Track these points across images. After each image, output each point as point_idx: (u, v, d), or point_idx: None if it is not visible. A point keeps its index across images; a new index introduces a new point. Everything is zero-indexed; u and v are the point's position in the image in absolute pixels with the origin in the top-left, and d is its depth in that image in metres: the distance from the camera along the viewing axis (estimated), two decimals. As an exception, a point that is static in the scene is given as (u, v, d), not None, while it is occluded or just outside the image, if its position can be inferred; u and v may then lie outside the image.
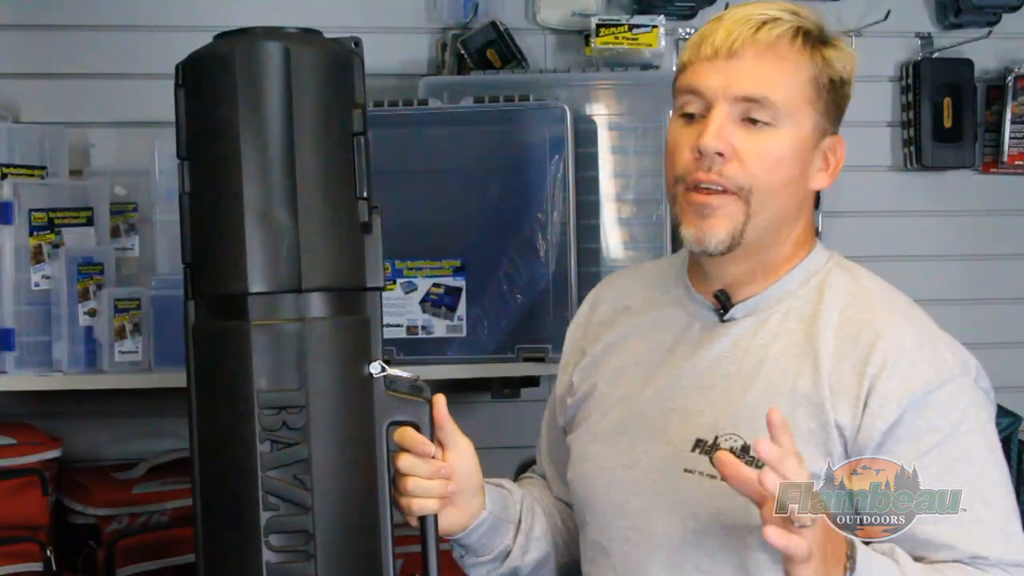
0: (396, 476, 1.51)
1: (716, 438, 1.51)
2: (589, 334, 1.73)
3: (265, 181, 1.49)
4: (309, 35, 1.55)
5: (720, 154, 1.49)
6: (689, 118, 1.53)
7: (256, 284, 1.49)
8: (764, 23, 1.51)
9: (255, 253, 1.49)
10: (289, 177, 1.48)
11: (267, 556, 1.47)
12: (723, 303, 1.57)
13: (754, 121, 1.50)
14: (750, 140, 1.50)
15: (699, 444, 1.52)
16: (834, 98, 1.54)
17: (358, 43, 1.57)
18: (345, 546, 1.49)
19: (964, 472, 1.47)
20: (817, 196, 1.57)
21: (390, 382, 1.51)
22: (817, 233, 1.64)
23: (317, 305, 1.49)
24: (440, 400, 1.51)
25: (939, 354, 1.51)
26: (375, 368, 1.51)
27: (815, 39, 1.53)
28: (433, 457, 1.51)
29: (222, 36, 1.56)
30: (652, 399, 1.59)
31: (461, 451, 1.53)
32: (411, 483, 1.50)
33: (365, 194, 1.52)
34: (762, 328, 1.55)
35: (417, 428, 1.51)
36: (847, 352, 1.50)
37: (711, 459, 1.49)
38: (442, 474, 1.51)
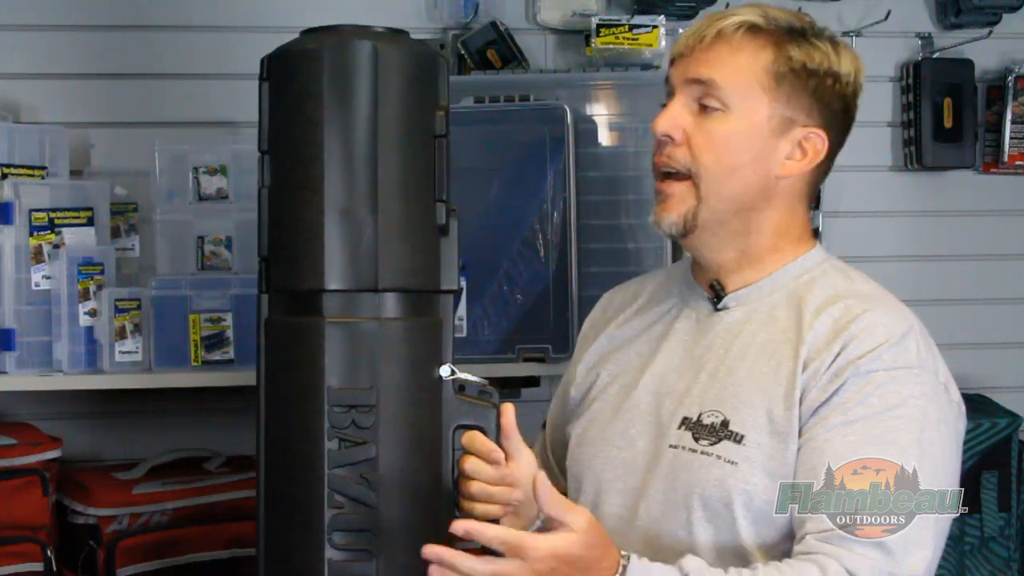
0: (460, 479, 1.52)
1: (700, 414, 1.55)
2: (598, 329, 1.77)
3: (346, 178, 1.49)
4: (396, 35, 1.55)
5: (671, 137, 1.57)
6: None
7: (333, 281, 1.50)
8: (726, 18, 1.59)
9: (333, 250, 1.50)
10: (371, 176, 1.49)
11: (330, 553, 1.48)
12: (716, 292, 1.63)
13: (705, 108, 1.57)
14: (699, 126, 1.57)
15: (684, 421, 1.57)
16: (802, 87, 1.57)
17: (443, 46, 1.57)
18: (407, 547, 1.48)
19: (875, 452, 1.47)
20: (817, 196, 1.60)
21: (459, 386, 1.52)
22: (817, 233, 1.66)
23: (392, 305, 1.50)
24: (508, 409, 1.52)
25: (904, 344, 1.52)
26: (445, 371, 1.52)
27: (779, 33, 1.58)
28: (499, 463, 1.52)
29: (309, 32, 1.55)
30: (648, 383, 1.64)
31: (524, 461, 1.55)
32: (476, 487, 1.52)
33: (444, 197, 1.53)
34: (753, 317, 1.60)
35: (484, 432, 1.51)
36: (828, 341, 1.52)
37: (693, 435, 1.55)
38: (507, 481, 1.53)
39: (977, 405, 2.68)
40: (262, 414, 1.54)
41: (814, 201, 1.65)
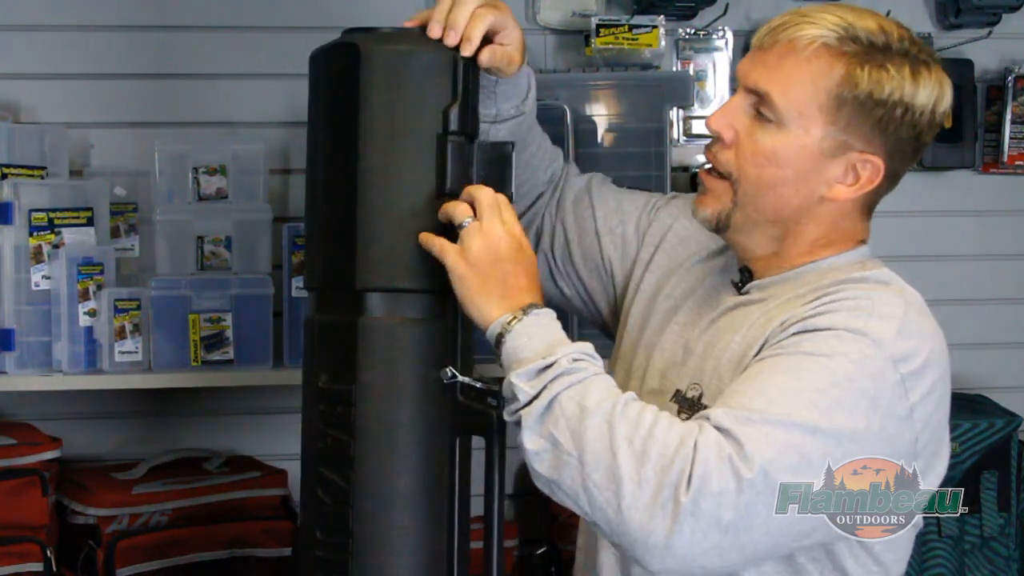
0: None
1: (687, 386, 1.56)
2: (652, 236, 1.76)
3: (329, 178, 1.51)
4: (391, 35, 1.53)
5: (721, 136, 1.54)
6: None
7: (315, 279, 1.53)
8: (803, 28, 1.50)
9: (315, 249, 1.53)
10: (351, 175, 1.47)
11: (316, 549, 1.49)
12: (743, 278, 1.61)
13: (761, 116, 1.52)
14: (751, 133, 1.52)
15: (676, 394, 1.57)
16: (865, 115, 1.50)
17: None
18: (386, 548, 1.47)
19: (780, 380, 1.41)
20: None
21: (460, 389, 1.47)
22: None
23: (375, 305, 1.48)
24: None
25: (870, 318, 1.45)
26: (445, 374, 1.47)
27: (853, 53, 1.50)
28: None
29: (350, 31, 1.55)
30: (660, 352, 1.64)
31: None
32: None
33: (450, 193, 1.48)
34: (764, 303, 1.56)
35: (482, 436, 1.45)
36: (803, 307, 1.50)
37: (679, 408, 1.55)
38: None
39: (977, 405, 2.68)
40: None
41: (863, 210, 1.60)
